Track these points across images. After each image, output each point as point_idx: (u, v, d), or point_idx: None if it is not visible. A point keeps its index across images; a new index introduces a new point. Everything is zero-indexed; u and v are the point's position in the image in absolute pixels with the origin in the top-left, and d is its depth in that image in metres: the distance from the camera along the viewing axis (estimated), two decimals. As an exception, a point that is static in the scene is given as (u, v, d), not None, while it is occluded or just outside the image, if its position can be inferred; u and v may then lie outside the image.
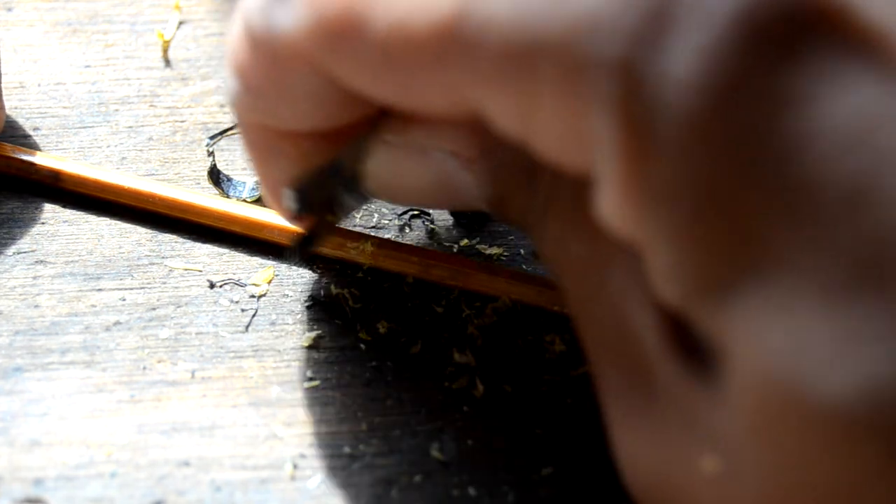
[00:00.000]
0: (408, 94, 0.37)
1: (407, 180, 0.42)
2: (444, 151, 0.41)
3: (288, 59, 0.38)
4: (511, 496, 0.42)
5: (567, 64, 0.33)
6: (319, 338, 0.46)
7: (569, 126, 0.34)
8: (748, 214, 0.32)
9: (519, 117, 0.35)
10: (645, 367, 0.36)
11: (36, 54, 0.54)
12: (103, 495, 0.42)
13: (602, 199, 0.34)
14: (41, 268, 0.47)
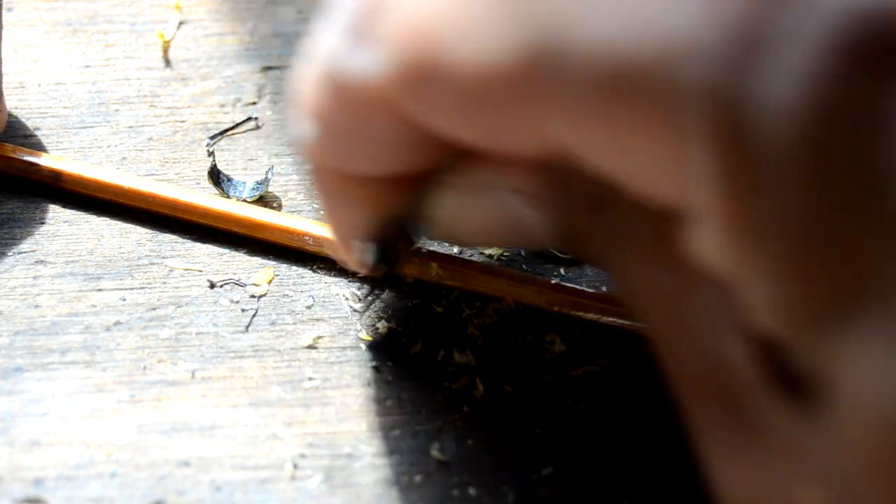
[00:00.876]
0: (492, 134, 0.36)
1: (473, 223, 0.41)
2: (509, 190, 0.40)
3: (369, 104, 0.37)
4: (511, 496, 0.42)
5: (659, 94, 0.32)
6: (319, 338, 0.46)
7: (662, 159, 0.33)
8: (857, 244, 0.31)
9: (609, 153, 0.34)
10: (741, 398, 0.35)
11: (36, 54, 0.54)
12: (103, 495, 0.42)
13: (697, 234, 0.33)
14: (41, 268, 0.47)
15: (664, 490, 0.42)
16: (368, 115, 0.38)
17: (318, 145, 0.40)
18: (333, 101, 0.38)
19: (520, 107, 0.34)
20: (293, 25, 0.56)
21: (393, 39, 0.36)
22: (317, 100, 0.39)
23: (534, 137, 0.35)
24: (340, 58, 0.37)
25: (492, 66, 0.34)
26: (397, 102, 0.37)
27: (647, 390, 0.45)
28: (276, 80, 0.54)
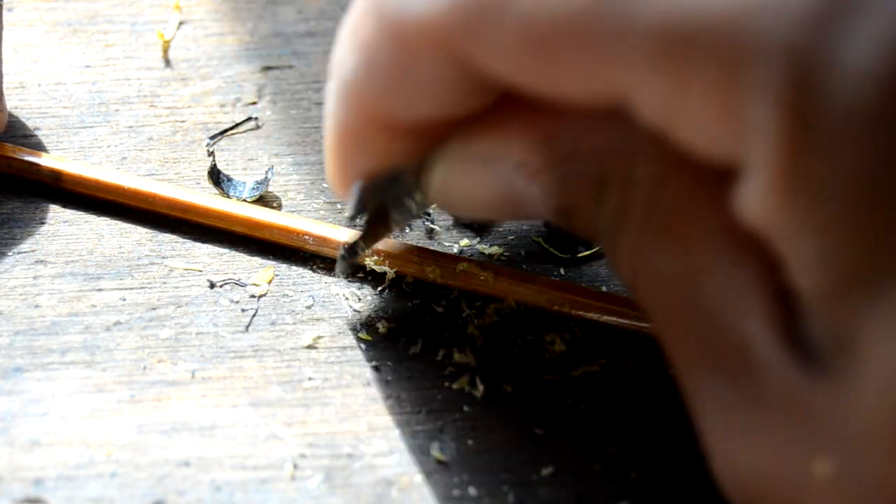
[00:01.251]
0: (549, 77, 0.35)
1: (470, 191, 0.41)
2: (509, 162, 0.40)
3: (420, 42, 0.37)
4: (511, 496, 0.42)
5: (727, 48, 0.32)
6: (319, 338, 0.46)
7: (721, 114, 0.33)
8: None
9: (666, 104, 0.34)
10: (751, 370, 0.35)
11: (36, 54, 0.54)
12: (103, 495, 0.42)
13: (748, 190, 0.33)
14: (41, 268, 0.47)
15: (664, 490, 0.42)
16: (417, 51, 0.37)
17: (356, 80, 0.39)
18: (381, 34, 0.38)
19: (583, 50, 0.34)
20: (293, 25, 0.56)
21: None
22: (364, 34, 0.38)
23: (591, 83, 0.35)
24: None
25: (560, 9, 0.34)
26: (452, 41, 0.36)
27: (647, 390, 0.45)
28: (276, 80, 0.54)
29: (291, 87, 0.54)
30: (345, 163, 0.42)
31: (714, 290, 0.36)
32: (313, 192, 0.50)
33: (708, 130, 0.33)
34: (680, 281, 0.37)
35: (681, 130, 0.34)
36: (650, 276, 0.38)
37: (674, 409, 0.45)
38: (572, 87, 0.35)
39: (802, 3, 0.31)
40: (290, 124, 0.52)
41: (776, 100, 0.31)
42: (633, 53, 0.33)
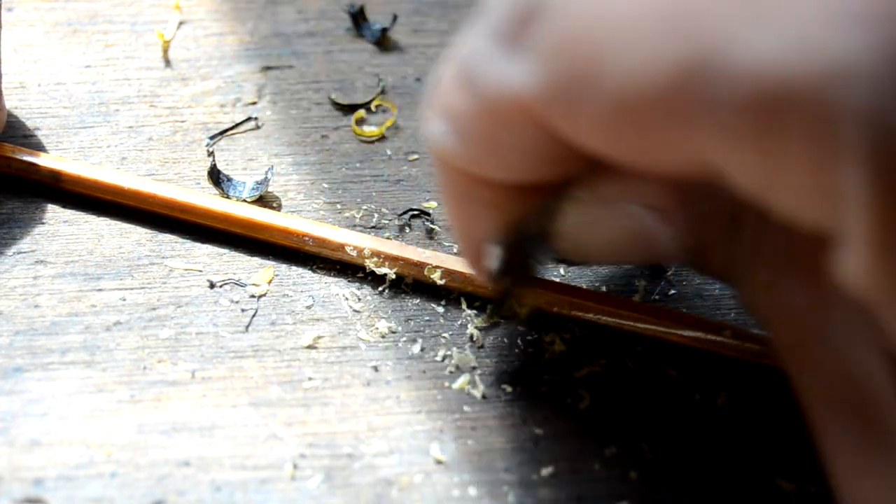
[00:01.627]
0: (639, 150, 0.36)
1: (600, 236, 0.41)
2: (638, 205, 0.39)
3: (512, 112, 0.37)
4: (511, 496, 0.42)
5: (815, 116, 0.31)
6: (319, 338, 0.46)
7: (814, 182, 0.32)
8: None
9: (759, 172, 0.33)
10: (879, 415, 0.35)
11: (36, 54, 0.54)
12: (103, 495, 0.42)
13: (846, 258, 0.33)
14: (41, 268, 0.47)
15: (664, 490, 0.42)
16: (509, 123, 0.37)
17: (450, 147, 0.39)
18: (474, 106, 0.38)
19: (671, 123, 0.34)
20: (293, 25, 0.56)
21: (548, 50, 0.35)
22: (456, 102, 0.38)
23: (681, 154, 0.34)
24: (486, 63, 0.37)
25: (648, 82, 0.34)
26: (543, 113, 0.36)
27: (647, 390, 0.45)
28: (276, 80, 0.54)
29: (291, 87, 0.54)
30: (464, 221, 0.42)
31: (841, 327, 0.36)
32: (313, 192, 0.50)
33: (802, 199, 0.33)
34: (811, 314, 0.37)
35: (774, 198, 0.34)
36: (783, 309, 0.38)
37: (674, 408, 0.45)
38: (662, 158, 0.35)
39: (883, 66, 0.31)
40: (290, 124, 0.52)
41: (867, 166, 0.31)
42: (722, 125, 0.33)
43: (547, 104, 0.36)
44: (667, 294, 0.47)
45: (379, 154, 0.52)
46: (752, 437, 0.44)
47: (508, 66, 0.36)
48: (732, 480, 0.43)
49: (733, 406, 0.45)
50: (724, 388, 0.45)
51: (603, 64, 0.34)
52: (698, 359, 0.46)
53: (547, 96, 0.36)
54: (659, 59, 0.33)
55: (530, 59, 0.36)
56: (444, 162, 0.40)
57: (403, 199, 0.50)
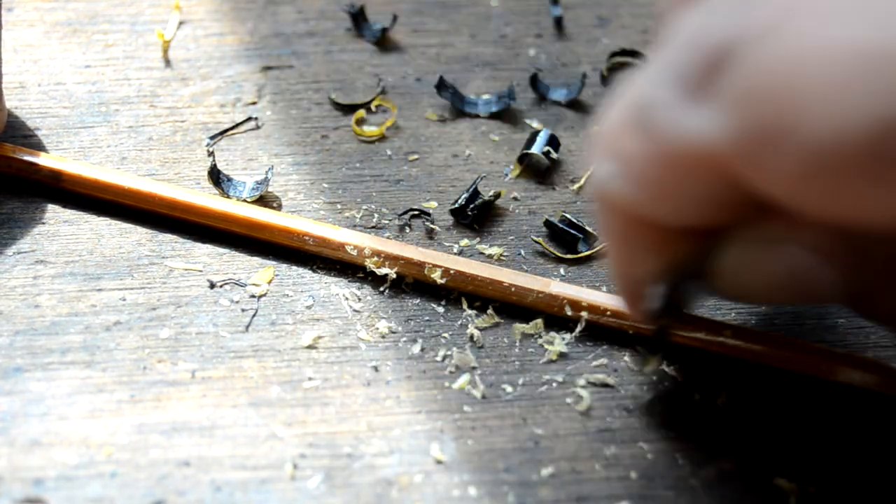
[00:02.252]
0: (831, 203, 0.35)
1: (759, 276, 0.40)
2: (801, 247, 0.39)
3: (693, 162, 0.36)
4: (511, 496, 0.42)
5: None
6: (319, 338, 0.46)
7: None
8: None
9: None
10: None
11: (36, 54, 0.54)
12: (103, 495, 0.42)
13: None
14: (41, 268, 0.47)
15: (664, 490, 0.42)
16: (687, 171, 0.37)
17: (618, 189, 0.39)
18: (651, 151, 0.37)
19: (869, 178, 0.33)
20: (293, 25, 0.56)
21: (739, 99, 0.35)
22: (630, 147, 0.38)
23: (874, 208, 0.34)
24: (668, 110, 0.36)
25: (848, 138, 0.33)
26: (730, 163, 0.36)
27: (646, 390, 0.45)
28: (276, 80, 0.54)
29: (291, 87, 0.54)
30: (628, 267, 0.42)
31: None
32: (313, 192, 0.50)
33: None
34: None
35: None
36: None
37: (673, 408, 0.45)
38: (852, 212, 0.35)
39: None
40: (290, 124, 0.52)
41: None
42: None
43: (737, 156, 0.35)
44: (667, 294, 0.47)
45: (379, 154, 0.52)
46: (752, 437, 0.44)
47: (694, 115, 0.36)
48: (732, 480, 0.43)
49: (733, 406, 0.45)
50: (724, 387, 0.45)
51: (801, 116, 0.34)
52: (698, 359, 0.46)
53: (737, 147, 0.35)
54: (858, 114, 0.33)
55: (719, 109, 0.35)
56: (610, 204, 0.40)
57: (403, 199, 0.50)
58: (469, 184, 0.50)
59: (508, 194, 0.50)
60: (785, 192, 0.35)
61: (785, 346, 0.45)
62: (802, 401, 0.45)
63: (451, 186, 0.51)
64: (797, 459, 0.43)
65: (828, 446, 0.44)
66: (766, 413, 0.44)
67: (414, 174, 0.51)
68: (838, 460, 0.43)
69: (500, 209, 0.50)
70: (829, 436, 0.44)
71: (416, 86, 0.54)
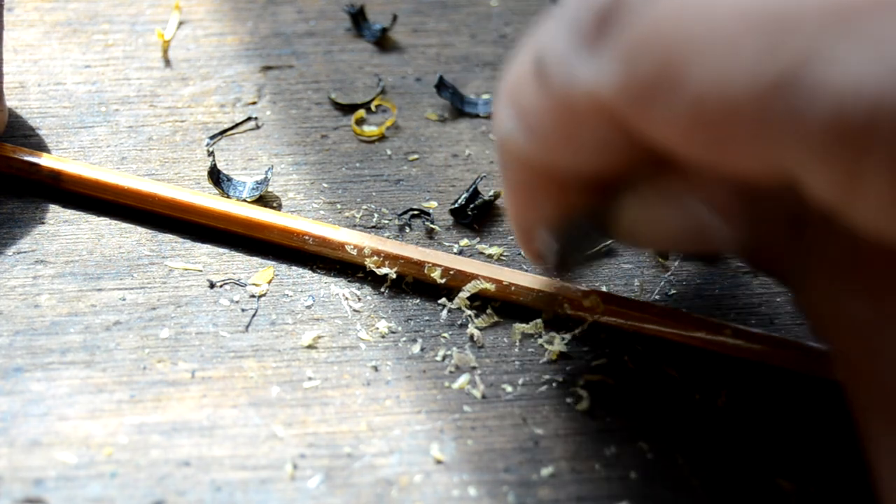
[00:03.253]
0: (716, 154, 0.35)
1: (658, 227, 0.40)
2: (699, 200, 0.39)
3: (588, 110, 0.37)
4: (511, 496, 0.42)
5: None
6: (319, 338, 0.46)
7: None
8: None
9: (839, 187, 0.33)
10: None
11: (36, 54, 0.54)
12: (103, 495, 0.42)
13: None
14: (41, 268, 0.47)
15: (664, 490, 0.42)
16: (582, 120, 0.37)
17: (518, 139, 0.39)
18: (548, 101, 0.38)
19: (754, 132, 0.34)
20: (293, 25, 0.56)
21: (632, 50, 0.35)
22: (529, 96, 0.38)
23: (760, 162, 0.34)
24: (564, 60, 0.37)
25: (737, 91, 0.33)
26: (620, 112, 0.36)
27: (647, 390, 0.45)
28: (276, 80, 0.54)
29: (291, 87, 0.54)
30: (522, 211, 0.42)
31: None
32: (313, 192, 0.50)
33: (881, 216, 0.33)
34: (871, 328, 0.37)
35: (852, 213, 0.34)
36: (840, 319, 0.38)
37: (674, 408, 0.45)
38: (738, 164, 0.35)
39: None
40: (289, 124, 0.52)
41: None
42: (806, 139, 0.33)
43: (626, 104, 0.36)
44: (667, 294, 0.47)
45: (379, 154, 0.52)
46: (752, 437, 0.44)
47: (587, 64, 0.36)
48: (732, 480, 0.43)
49: (733, 406, 0.45)
50: (724, 388, 0.45)
51: (687, 68, 0.34)
52: (698, 359, 0.46)
53: (626, 96, 0.36)
54: (747, 68, 0.33)
55: (611, 58, 0.36)
56: (509, 152, 0.41)
57: (403, 199, 0.50)
58: (469, 184, 0.50)
59: (508, 194, 0.50)
60: (673, 143, 0.36)
61: (785, 346, 0.45)
62: (802, 401, 0.45)
63: (451, 186, 0.51)
64: (797, 459, 0.43)
65: (828, 446, 0.44)
66: (766, 413, 0.44)
67: (414, 174, 0.51)
68: (838, 460, 0.43)
69: (500, 209, 0.50)
70: (829, 436, 0.44)
71: (415, 86, 0.54)
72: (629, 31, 0.35)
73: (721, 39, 0.34)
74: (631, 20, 0.35)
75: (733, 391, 0.45)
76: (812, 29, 0.32)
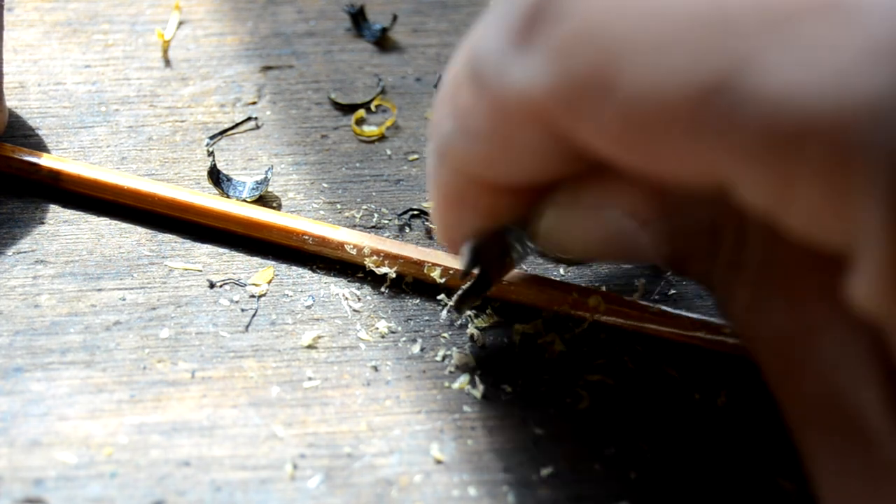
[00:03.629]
0: (648, 159, 0.35)
1: (579, 238, 0.40)
2: (619, 211, 0.39)
3: (520, 113, 0.36)
4: (511, 496, 0.42)
5: (837, 148, 0.31)
6: (319, 338, 0.46)
7: (828, 207, 0.32)
8: None
9: (772, 193, 0.33)
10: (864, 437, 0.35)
11: (36, 54, 0.54)
12: (103, 495, 0.42)
13: (858, 281, 0.33)
14: (41, 268, 0.47)
15: (664, 490, 0.42)
16: (515, 123, 0.37)
17: (453, 144, 0.39)
18: (480, 104, 0.37)
19: (686, 138, 0.33)
20: (293, 25, 0.56)
21: (562, 50, 0.35)
22: (463, 99, 0.38)
23: (691, 167, 0.34)
24: (496, 61, 0.36)
25: (666, 96, 0.33)
26: (553, 114, 0.36)
27: (647, 390, 0.45)
28: (276, 80, 0.54)
29: (291, 87, 0.54)
30: (451, 222, 0.42)
31: (828, 350, 0.36)
32: (313, 192, 0.50)
33: (813, 222, 0.33)
34: (794, 338, 0.37)
35: (785, 219, 0.34)
36: (764, 331, 0.38)
37: (674, 408, 0.45)
38: (671, 170, 0.35)
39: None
40: (289, 124, 0.52)
41: (883, 200, 0.31)
42: (738, 146, 0.33)
43: (556, 106, 0.35)
44: (667, 294, 0.47)
45: (379, 154, 0.52)
46: (752, 437, 0.44)
47: (518, 65, 0.36)
48: (732, 480, 0.43)
49: (733, 406, 0.45)
50: (724, 387, 0.45)
51: (618, 71, 0.34)
52: (698, 359, 0.46)
53: (556, 98, 0.35)
54: (680, 73, 0.33)
55: (541, 59, 0.35)
56: (444, 158, 0.40)
57: (403, 199, 0.50)
58: (469, 184, 0.50)
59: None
60: (605, 147, 0.35)
61: (785, 345, 0.45)
62: (802, 401, 0.45)
63: (450, 186, 0.51)
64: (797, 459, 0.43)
65: (828, 446, 0.44)
66: (766, 413, 0.44)
67: (414, 174, 0.51)
68: (838, 460, 0.43)
69: (499, 209, 0.50)
70: (829, 436, 0.44)
71: (415, 86, 0.54)
72: (559, 30, 0.35)
73: (654, 41, 0.33)
74: (562, 18, 0.35)
75: (733, 391, 0.45)
76: (745, 33, 0.32)
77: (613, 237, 0.40)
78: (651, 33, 0.33)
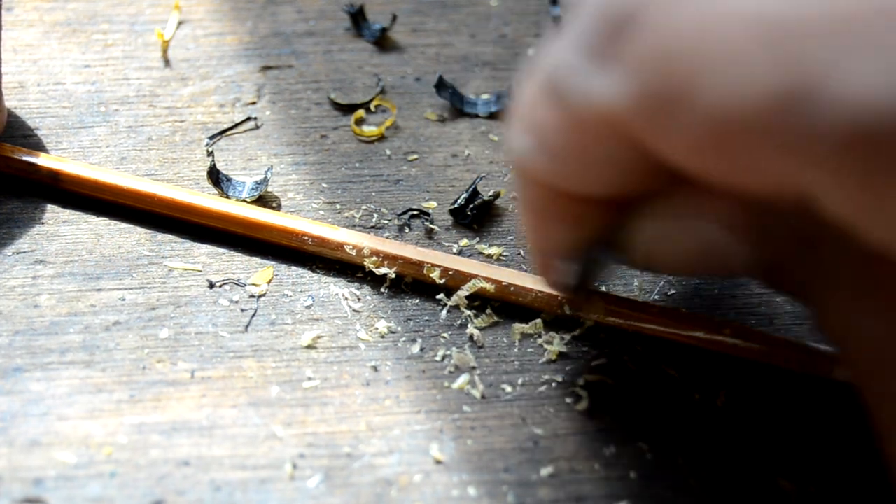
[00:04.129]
0: (729, 170, 0.35)
1: (671, 250, 0.40)
2: (711, 221, 0.39)
3: (600, 127, 0.37)
4: (511, 496, 0.42)
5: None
6: (318, 338, 0.46)
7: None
8: None
9: (856, 204, 0.33)
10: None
11: (36, 54, 0.54)
12: (103, 495, 0.42)
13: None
14: (41, 268, 0.47)
15: (664, 490, 0.42)
16: (595, 137, 0.37)
17: (533, 159, 0.39)
18: (559, 119, 0.37)
19: (767, 147, 0.33)
20: (293, 25, 0.56)
21: (641, 64, 0.35)
22: (541, 115, 0.38)
23: (773, 178, 0.34)
24: (575, 76, 0.36)
25: (747, 105, 0.33)
26: (632, 128, 0.36)
27: (647, 390, 0.45)
28: (276, 80, 0.54)
29: (291, 87, 0.54)
30: (542, 234, 0.42)
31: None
32: (312, 192, 0.50)
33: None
34: (888, 344, 0.37)
35: (871, 230, 0.33)
36: (860, 336, 0.38)
37: (674, 408, 0.45)
38: (753, 181, 0.35)
39: None
40: (289, 124, 0.52)
41: None
42: (822, 156, 0.32)
43: (637, 119, 0.35)
44: (667, 294, 0.47)
45: (378, 154, 0.52)
46: (752, 436, 0.44)
47: (598, 80, 0.36)
48: (732, 480, 0.43)
49: (733, 406, 0.45)
50: (724, 388, 0.45)
51: (699, 83, 0.34)
52: (698, 359, 0.46)
53: (637, 111, 0.35)
54: (760, 84, 0.33)
55: (621, 73, 0.35)
56: (526, 175, 0.40)
57: (403, 199, 0.50)
58: (468, 184, 0.50)
59: (508, 194, 0.50)
60: (686, 159, 0.35)
61: (784, 345, 0.45)
62: (802, 400, 0.45)
63: (450, 186, 0.51)
64: (797, 459, 0.43)
65: (828, 446, 0.44)
66: (766, 413, 0.44)
67: (413, 174, 0.51)
68: (838, 460, 0.43)
69: (499, 209, 0.50)
70: (829, 435, 0.44)
71: (415, 86, 0.54)
72: (641, 45, 0.35)
73: (733, 52, 0.33)
74: (643, 33, 0.35)
75: (733, 391, 0.45)
76: (824, 41, 0.32)
77: (708, 249, 0.40)
78: (730, 44, 0.33)
